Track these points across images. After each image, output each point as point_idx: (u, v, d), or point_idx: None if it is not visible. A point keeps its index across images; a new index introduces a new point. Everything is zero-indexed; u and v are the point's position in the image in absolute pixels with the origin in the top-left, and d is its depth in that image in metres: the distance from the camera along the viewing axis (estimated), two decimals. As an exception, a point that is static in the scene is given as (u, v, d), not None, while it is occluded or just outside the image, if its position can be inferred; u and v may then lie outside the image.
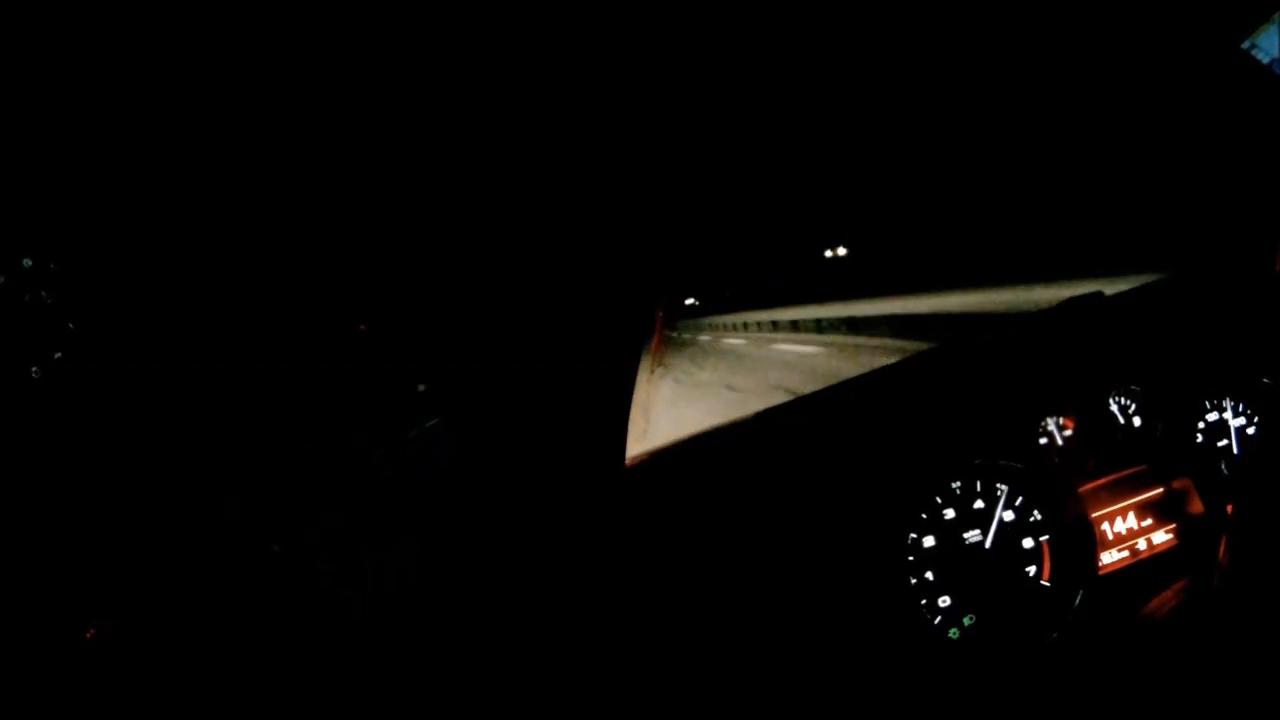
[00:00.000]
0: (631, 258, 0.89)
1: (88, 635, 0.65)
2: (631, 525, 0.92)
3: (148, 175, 0.72)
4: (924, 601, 0.93)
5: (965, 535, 0.97)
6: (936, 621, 0.93)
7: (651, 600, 0.90)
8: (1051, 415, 1.08)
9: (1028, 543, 0.98)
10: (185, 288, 0.75)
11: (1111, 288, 1.19)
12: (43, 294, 0.67)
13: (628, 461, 0.95)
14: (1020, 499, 0.99)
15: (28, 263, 0.66)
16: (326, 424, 0.83)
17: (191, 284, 0.75)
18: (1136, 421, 1.10)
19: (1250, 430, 1.11)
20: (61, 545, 0.66)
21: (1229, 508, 1.02)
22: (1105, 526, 1.02)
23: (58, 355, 0.66)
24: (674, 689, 0.87)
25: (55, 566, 0.65)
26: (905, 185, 1.10)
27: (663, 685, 0.87)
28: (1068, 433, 1.08)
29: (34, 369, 0.65)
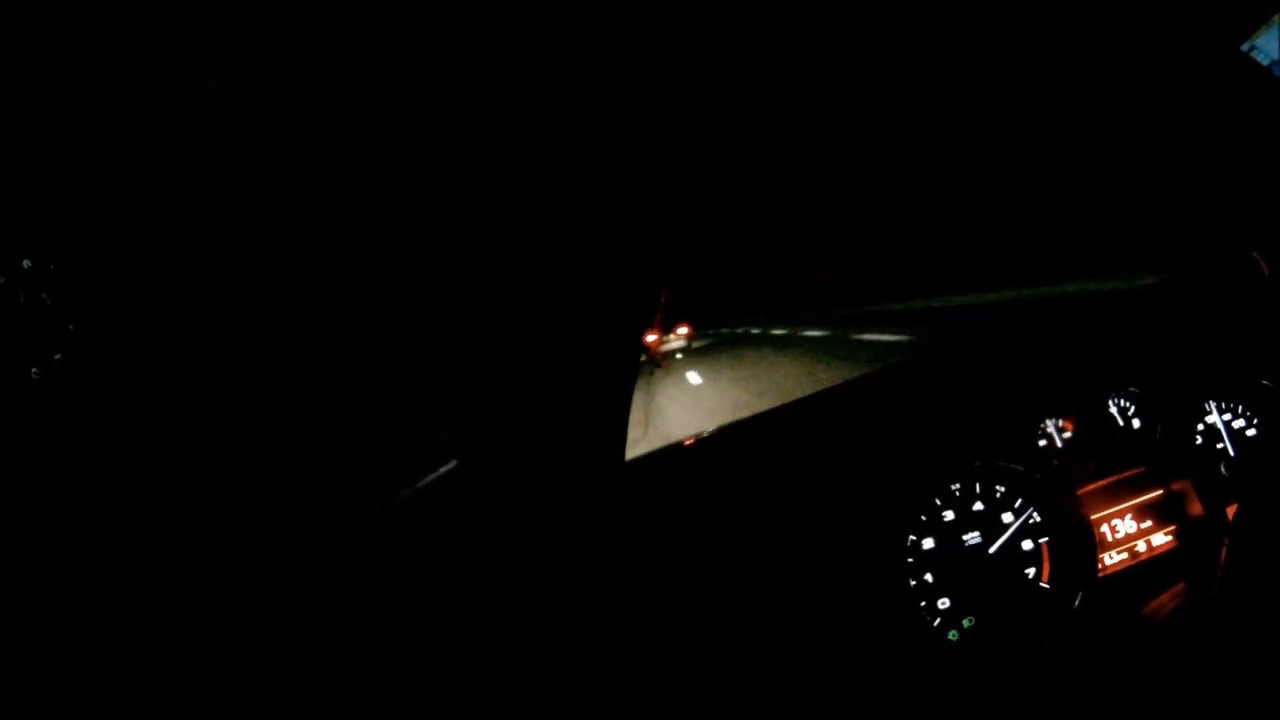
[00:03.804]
0: (633, 258, 0.89)
1: (86, 636, 0.65)
2: (631, 526, 0.92)
3: (147, 175, 0.72)
4: (923, 603, 0.93)
5: (965, 537, 0.97)
6: (936, 623, 0.93)
7: (651, 601, 0.90)
8: (1051, 417, 1.08)
9: (1027, 545, 0.98)
10: (185, 287, 0.75)
11: (1111, 289, 1.19)
12: (43, 294, 0.67)
13: (628, 461, 0.95)
14: (1020, 501, 1.00)
15: (28, 263, 0.66)
16: (324, 420, 0.83)
17: (191, 283, 0.75)
18: (1136, 423, 1.10)
19: (1249, 432, 1.11)
20: (61, 545, 0.66)
21: (1229, 510, 1.02)
22: (1105, 528, 1.02)
23: (58, 356, 0.66)
24: (674, 690, 0.87)
25: (55, 566, 0.65)
26: (902, 188, 1.10)
27: (662, 686, 0.87)
28: (1067, 435, 1.08)
29: (34, 370, 0.65)
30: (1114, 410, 1.10)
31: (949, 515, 0.97)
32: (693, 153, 0.90)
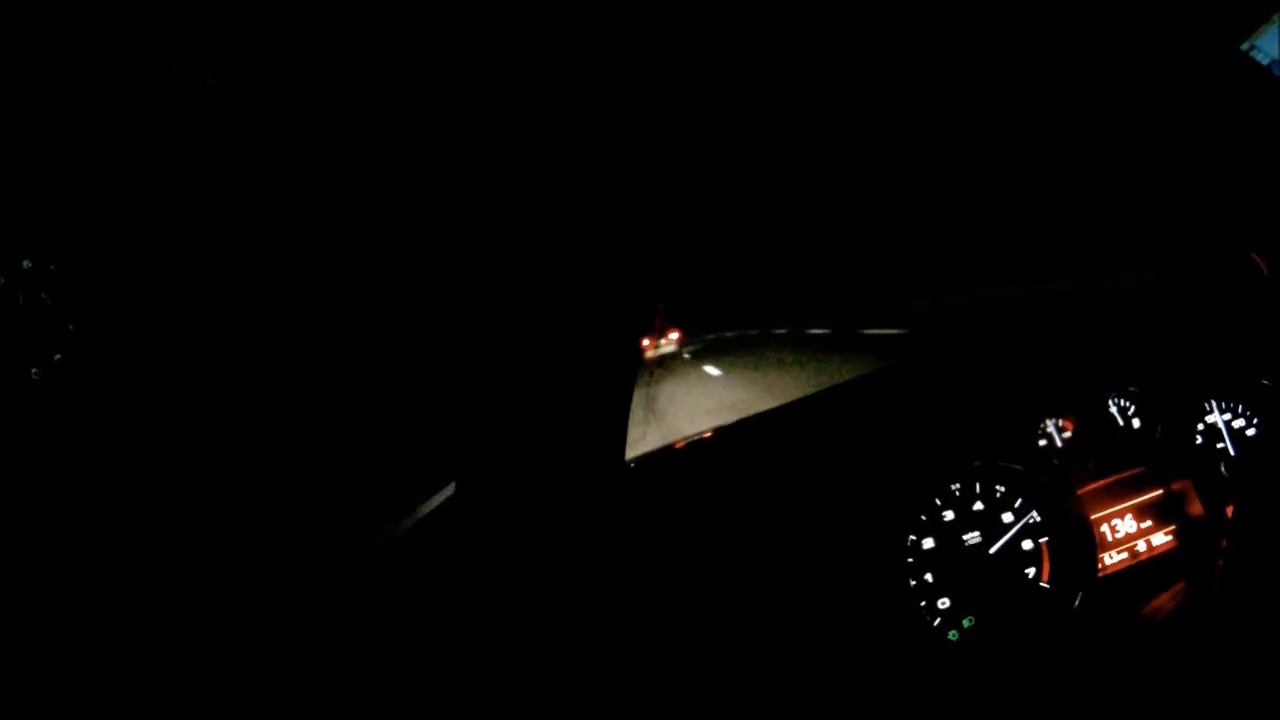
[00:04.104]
0: (633, 258, 0.89)
1: (86, 636, 0.65)
2: (631, 527, 0.92)
3: (148, 175, 0.72)
4: (923, 603, 0.93)
5: (965, 537, 0.97)
6: (936, 623, 0.93)
7: (651, 602, 0.90)
8: (1051, 417, 1.08)
9: (1027, 544, 0.98)
10: (185, 287, 0.75)
11: (1111, 289, 1.19)
12: (42, 295, 0.67)
13: (628, 462, 0.95)
14: (1020, 501, 1.00)
15: (28, 264, 0.66)
16: (324, 421, 0.83)
17: (191, 283, 0.75)
18: (1136, 423, 1.10)
19: (1249, 432, 1.11)
20: (61, 545, 0.66)
21: (1228, 509, 1.02)
22: (1105, 528, 1.02)
23: (58, 356, 0.67)
24: (675, 690, 0.87)
25: (55, 567, 0.65)
26: (902, 188, 1.10)
27: (663, 686, 0.87)
28: (1067, 434, 1.08)
29: (34, 370, 0.65)
30: (1114, 410, 1.10)
31: (949, 515, 0.97)
32: (693, 154, 0.90)
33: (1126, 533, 1.03)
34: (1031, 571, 0.98)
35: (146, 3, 0.68)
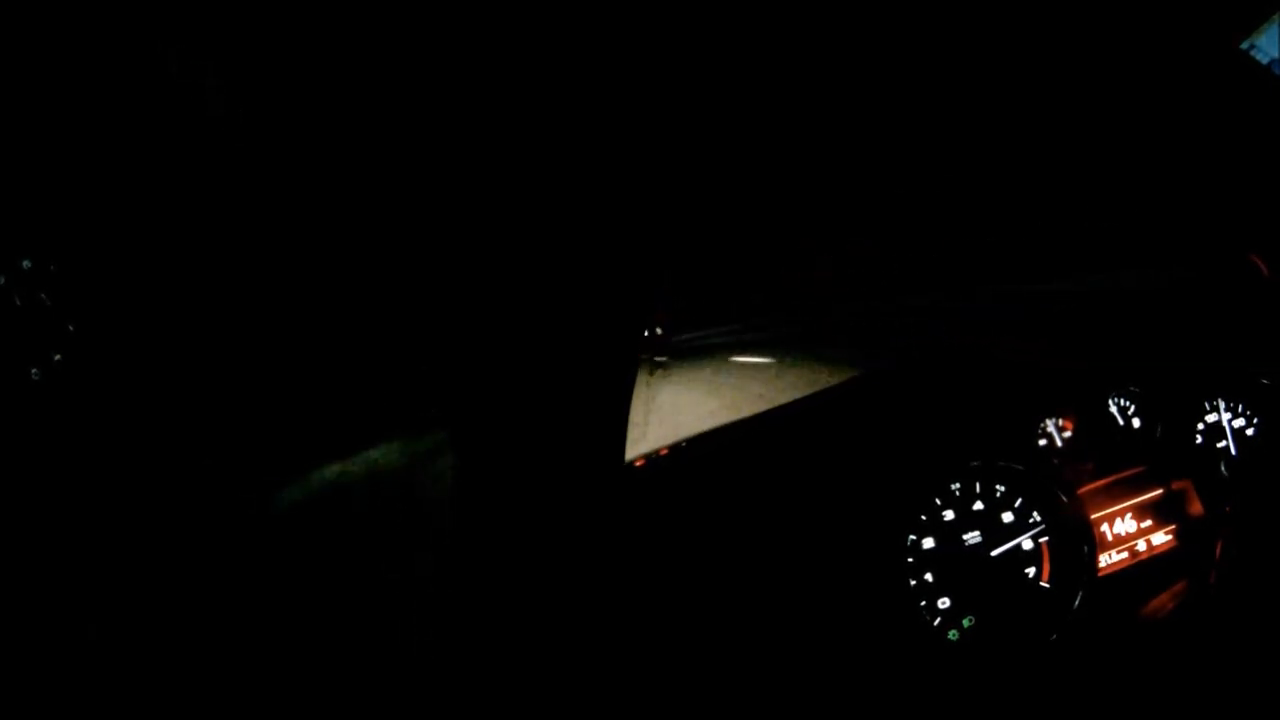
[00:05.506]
0: (633, 257, 0.89)
1: (86, 636, 0.65)
2: (631, 527, 0.92)
3: (148, 175, 0.72)
4: (923, 603, 0.93)
5: (965, 537, 0.97)
6: (936, 623, 0.93)
7: (651, 602, 0.90)
8: (1051, 417, 1.08)
9: (1027, 544, 0.98)
10: (185, 288, 0.75)
11: (1111, 289, 1.19)
12: (42, 295, 0.67)
13: (627, 461, 0.95)
14: (1020, 500, 1.00)
15: (27, 264, 0.66)
16: (323, 425, 0.83)
17: (191, 284, 0.75)
18: (1136, 423, 1.10)
19: (1249, 432, 1.11)
20: (62, 545, 0.66)
21: (1228, 509, 1.02)
22: (1105, 528, 1.02)
23: (57, 357, 0.67)
24: (673, 690, 0.87)
25: (55, 566, 0.65)
26: (903, 187, 1.10)
27: (662, 686, 0.87)
28: (1067, 434, 1.08)
29: (34, 371, 0.65)
30: (1114, 410, 1.10)
31: (949, 515, 0.97)
32: (694, 155, 0.90)
33: (1126, 532, 1.03)
34: (1031, 571, 0.98)
35: (146, 3, 0.68)
